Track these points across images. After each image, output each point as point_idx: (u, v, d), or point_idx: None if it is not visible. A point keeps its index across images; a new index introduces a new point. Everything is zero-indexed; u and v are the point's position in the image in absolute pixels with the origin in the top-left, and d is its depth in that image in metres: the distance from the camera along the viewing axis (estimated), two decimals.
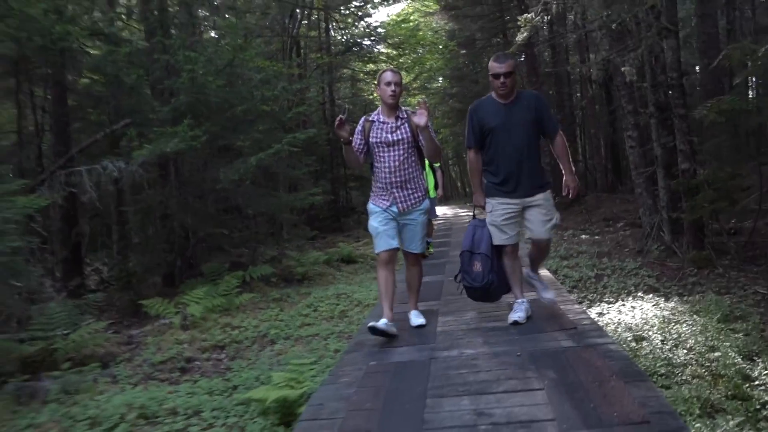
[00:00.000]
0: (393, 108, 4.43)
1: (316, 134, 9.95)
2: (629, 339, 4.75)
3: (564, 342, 3.95)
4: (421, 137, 4.34)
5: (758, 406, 3.35)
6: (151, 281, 8.99)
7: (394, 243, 4.43)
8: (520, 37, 9.21)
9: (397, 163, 4.40)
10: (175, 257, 8.21)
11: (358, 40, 21.68)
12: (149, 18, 8.03)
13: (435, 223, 10.86)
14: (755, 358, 4.06)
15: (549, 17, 9.52)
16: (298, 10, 16.69)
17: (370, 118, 4.51)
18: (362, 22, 23.12)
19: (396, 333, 4.32)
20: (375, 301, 6.42)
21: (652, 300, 6.15)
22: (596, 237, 11.19)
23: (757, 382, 3.65)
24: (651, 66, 8.56)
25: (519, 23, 9.31)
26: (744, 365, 3.94)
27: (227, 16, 13.25)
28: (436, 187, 8.52)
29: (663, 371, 3.99)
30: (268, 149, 7.52)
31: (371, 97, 23.83)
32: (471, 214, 4.99)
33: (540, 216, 4.44)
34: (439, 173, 8.60)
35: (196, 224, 7.92)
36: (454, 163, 45.78)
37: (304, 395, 3.78)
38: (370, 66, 22.94)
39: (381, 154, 4.44)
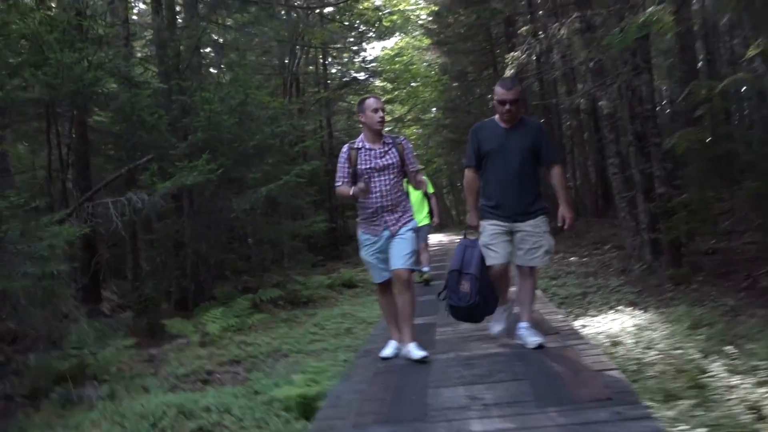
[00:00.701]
0: (378, 134, 4.49)
1: (318, 166, 10.61)
2: (606, 343, 5.33)
3: (547, 344, 4.54)
4: (416, 169, 4.64)
5: (710, 393, 3.93)
6: (164, 306, 9.54)
7: (387, 275, 4.56)
8: (508, 73, 9.95)
9: (388, 187, 4.45)
10: (189, 283, 8.78)
11: (354, 75, 22.54)
12: (166, 62, 8.75)
13: (431, 249, 11.17)
14: (712, 356, 4.65)
15: (534, 56, 10.27)
16: (297, 48, 17.49)
17: (355, 146, 4.51)
18: (357, 57, 24.10)
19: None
20: (378, 318, 6.95)
21: (631, 312, 6.74)
22: (584, 259, 11.81)
23: (711, 374, 4.24)
24: (629, 99, 9.28)
25: (506, 61, 10.08)
26: (703, 362, 4.53)
27: (232, 56, 14.03)
28: (431, 214, 8.74)
29: (633, 368, 4.57)
30: (276, 181, 8.18)
31: None
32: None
33: (529, 242, 4.43)
34: (434, 200, 8.78)
35: (208, 251, 8.51)
36: (449, 191, 46.48)
37: (322, 393, 4.34)
38: None
39: (371, 180, 4.43)
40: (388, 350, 4.67)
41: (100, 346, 6.42)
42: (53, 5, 8.26)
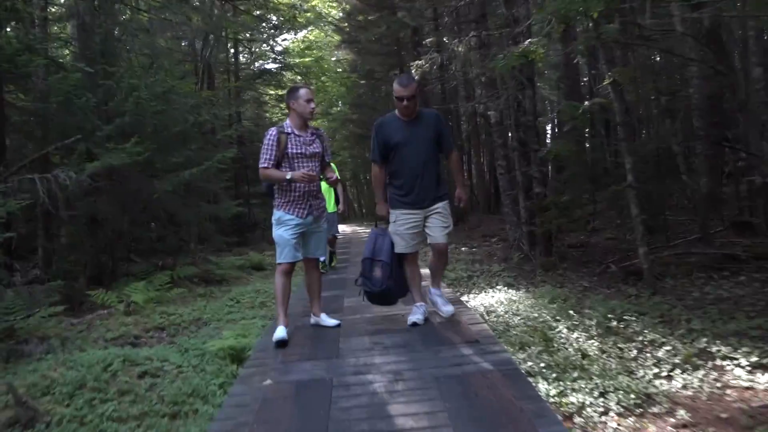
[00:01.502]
0: (306, 123, 4.76)
1: (234, 153, 11.24)
2: (482, 312, 6.51)
3: (433, 308, 5.62)
4: (330, 161, 5.00)
5: (554, 343, 5.16)
6: (77, 283, 9.83)
7: (299, 256, 4.79)
8: None
9: (313, 174, 4.66)
10: (107, 259, 9.20)
11: (266, 67, 22.99)
12: (90, 46, 9.08)
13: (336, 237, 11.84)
14: (561, 319, 5.94)
15: (436, 66, 11.43)
16: (211, 37, 17.77)
17: (285, 131, 4.69)
18: (266, 46, 24.54)
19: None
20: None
21: (506, 291, 8.02)
22: (474, 249, 13.19)
23: (557, 331, 5.50)
24: (514, 110, 10.65)
25: (412, 67, 11.18)
26: (552, 324, 5.80)
27: (141, 38, 14.17)
28: (337, 202, 9.00)
29: (501, 328, 5.76)
30: (197, 166, 8.80)
31: (276, 119, 25.17)
32: (368, 231, 6.10)
33: (439, 222, 4.79)
34: (340, 188, 9.12)
35: (127, 229, 8.97)
36: (352, 184, 47.48)
37: (249, 346, 5.18)
38: (276, 91, 24.32)
39: (299, 165, 4.66)
40: (280, 333, 4.69)
41: (27, 313, 6.81)
42: None
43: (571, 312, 6.21)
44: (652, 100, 12.35)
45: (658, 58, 13.19)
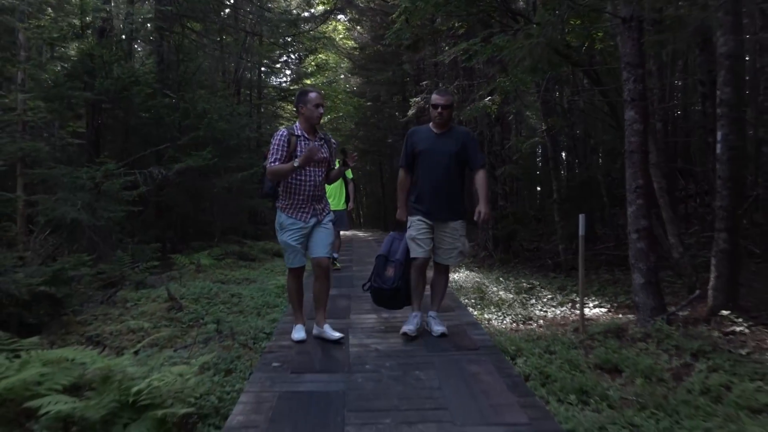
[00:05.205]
0: (314, 128, 4.62)
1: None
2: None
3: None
4: (335, 166, 4.96)
5: (486, 296, 8.25)
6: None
7: (305, 260, 4.79)
8: (410, 112, 14.22)
9: (320, 179, 4.66)
10: (173, 235, 12.28)
11: (288, 87, 26.17)
12: (171, 77, 12.23)
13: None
14: (495, 284, 9.04)
15: (428, 105, 14.55)
16: (242, 60, 20.90)
17: (296, 133, 4.57)
18: (284, 64, 27.73)
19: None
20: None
21: (467, 273, 11.12)
22: None
23: (492, 290, 8.60)
24: (488, 140, 13.78)
25: (410, 103, 14.33)
26: (489, 286, 8.90)
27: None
28: (347, 200, 9.45)
29: (456, 287, 8.85)
30: (248, 170, 11.93)
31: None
32: (367, 235, 8.62)
33: (448, 243, 4.79)
34: (351, 186, 9.52)
35: (193, 215, 12.06)
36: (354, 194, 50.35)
37: None
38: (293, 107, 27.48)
39: (305, 170, 4.55)
40: (300, 333, 4.93)
41: (134, 265, 9.82)
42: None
43: (501, 279, 9.33)
44: (580, 141, 15.44)
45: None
